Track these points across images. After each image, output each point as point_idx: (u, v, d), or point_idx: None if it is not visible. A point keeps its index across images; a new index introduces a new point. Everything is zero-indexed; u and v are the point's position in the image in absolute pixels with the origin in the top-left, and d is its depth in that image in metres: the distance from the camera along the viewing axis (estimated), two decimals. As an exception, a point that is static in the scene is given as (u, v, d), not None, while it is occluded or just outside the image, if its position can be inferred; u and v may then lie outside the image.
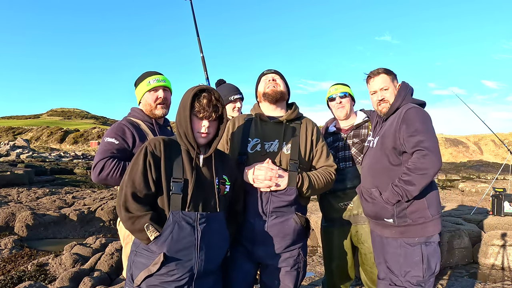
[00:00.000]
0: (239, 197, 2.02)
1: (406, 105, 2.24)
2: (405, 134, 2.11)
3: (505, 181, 15.60)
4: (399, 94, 2.30)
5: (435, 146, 2.06)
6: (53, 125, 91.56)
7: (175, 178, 1.74)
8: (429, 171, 2.03)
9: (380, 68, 2.40)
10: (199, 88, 1.79)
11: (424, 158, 2.02)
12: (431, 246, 2.16)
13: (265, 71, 2.27)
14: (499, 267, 4.68)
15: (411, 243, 2.15)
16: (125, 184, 1.72)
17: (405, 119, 2.14)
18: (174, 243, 1.69)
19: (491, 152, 65.39)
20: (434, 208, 2.18)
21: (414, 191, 2.06)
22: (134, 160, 1.76)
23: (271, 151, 2.08)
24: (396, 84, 2.37)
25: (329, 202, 2.59)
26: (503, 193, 5.48)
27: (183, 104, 1.80)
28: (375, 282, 2.55)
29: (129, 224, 1.69)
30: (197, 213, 1.74)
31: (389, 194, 2.13)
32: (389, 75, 2.37)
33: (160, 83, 2.40)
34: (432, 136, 2.09)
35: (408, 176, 2.05)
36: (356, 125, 2.70)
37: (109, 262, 4.58)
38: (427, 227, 2.15)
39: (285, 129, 2.12)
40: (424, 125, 2.11)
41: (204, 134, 1.80)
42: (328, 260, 2.68)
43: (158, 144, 1.77)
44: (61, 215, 7.54)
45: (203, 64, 3.08)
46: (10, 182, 12.46)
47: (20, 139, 45.94)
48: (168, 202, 1.73)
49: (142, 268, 1.71)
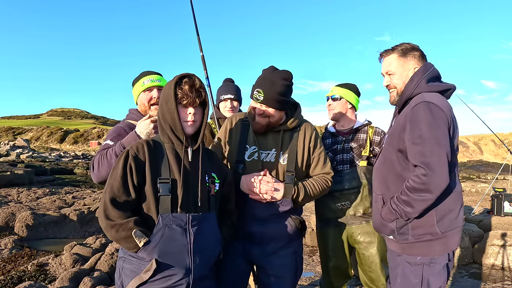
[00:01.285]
0: (230, 195, 1.95)
1: (418, 97, 1.83)
2: (408, 138, 1.78)
3: (505, 181, 15.60)
4: (411, 80, 1.89)
5: (440, 162, 1.67)
6: (53, 125, 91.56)
7: (162, 179, 1.65)
8: (428, 194, 1.69)
9: (399, 45, 1.97)
10: (179, 76, 1.72)
11: (424, 177, 1.68)
12: (436, 268, 1.79)
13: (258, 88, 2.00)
14: (499, 267, 4.68)
15: (412, 262, 1.83)
16: (105, 190, 1.63)
17: (411, 119, 1.78)
18: (165, 248, 1.60)
19: (491, 152, 65.39)
20: (447, 222, 1.79)
21: (413, 214, 1.77)
22: (115, 165, 1.66)
23: (268, 161, 2.06)
24: (414, 67, 1.93)
25: (325, 202, 2.59)
26: (503, 193, 5.49)
27: (165, 96, 1.72)
28: (374, 281, 2.56)
29: (112, 233, 1.58)
30: (189, 215, 1.65)
31: (386, 210, 1.88)
32: (402, 56, 1.94)
33: (154, 83, 2.37)
34: (438, 147, 1.69)
35: (406, 196, 1.75)
36: (355, 128, 2.68)
37: (109, 262, 4.58)
38: (433, 246, 1.79)
39: (283, 138, 2.08)
40: (430, 131, 1.71)
41: (191, 122, 1.73)
42: (325, 260, 2.68)
43: (141, 147, 1.68)
44: (61, 215, 7.53)
45: (203, 63, 3.09)
46: (10, 182, 12.44)
47: (20, 139, 45.95)
48: (156, 205, 1.63)
49: (132, 276, 1.62)
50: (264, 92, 1.98)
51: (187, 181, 1.70)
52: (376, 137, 2.66)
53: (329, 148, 2.67)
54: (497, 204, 5.45)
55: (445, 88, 1.87)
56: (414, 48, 1.95)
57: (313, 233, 6.13)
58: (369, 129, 2.68)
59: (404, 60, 1.94)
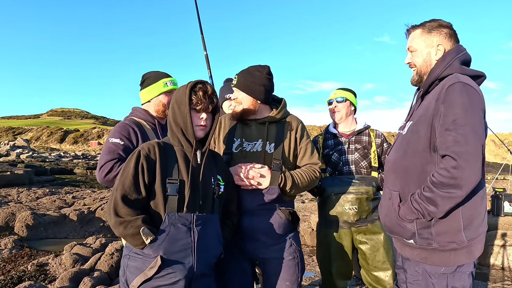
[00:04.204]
0: (233, 197, 2.01)
1: (452, 77, 1.59)
2: (440, 124, 1.54)
3: (505, 181, 15.61)
4: (442, 59, 1.67)
5: (475, 153, 1.45)
6: (53, 125, 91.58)
7: (171, 179, 1.72)
8: (457, 191, 1.47)
9: (428, 21, 1.76)
10: (194, 82, 1.79)
11: (453, 170, 1.46)
12: (461, 278, 1.62)
13: (235, 75, 2.17)
14: (499, 267, 4.68)
15: (435, 272, 1.63)
16: (116, 188, 1.68)
17: (446, 100, 1.53)
18: (170, 246, 1.66)
19: (491, 152, 65.37)
20: (474, 228, 1.59)
21: (438, 213, 1.54)
22: (126, 164, 1.71)
23: (254, 151, 2.08)
24: (438, 45, 1.72)
25: (332, 204, 2.59)
26: (503, 193, 5.49)
27: (178, 101, 1.79)
28: (380, 281, 2.55)
29: (121, 229, 1.62)
30: (194, 215, 1.72)
31: (406, 209, 1.63)
32: (426, 32, 1.73)
33: (175, 86, 2.47)
34: (475, 135, 1.47)
35: (431, 192, 1.52)
36: (357, 130, 2.73)
37: (109, 262, 4.58)
38: (459, 255, 1.59)
39: (268, 129, 2.12)
40: (467, 117, 1.48)
41: (202, 126, 1.80)
42: (327, 262, 2.66)
43: (152, 148, 1.74)
44: (61, 215, 7.53)
45: (206, 62, 3.10)
46: (10, 182, 12.46)
47: (20, 139, 45.96)
48: (164, 204, 1.69)
49: (136, 273, 1.66)
50: (238, 77, 2.15)
51: (194, 182, 1.76)
52: (378, 139, 2.74)
53: (333, 149, 2.71)
54: (497, 204, 5.45)
55: (479, 74, 1.66)
56: (442, 25, 1.73)
57: (313, 233, 6.12)
58: (371, 132, 2.75)
59: (427, 36, 1.73)
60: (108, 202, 1.69)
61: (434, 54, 1.73)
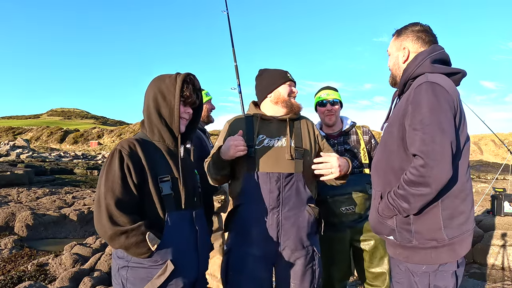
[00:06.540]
0: (210, 189, 1.99)
1: (422, 77, 1.62)
2: (408, 123, 1.57)
3: (505, 181, 15.60)
4: (414, 59, 1.69)
5: (442, 151, 1.46)
6: (53, 125, 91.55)
7: (162, 177, 1.60)
8: (426, 189, 1.48)
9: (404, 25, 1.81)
10: (185, 74, 1.69)
11: (421, 169, 1.48)
12: (444, 277, 1.60)
13: (289, 75, 2.19)
14: (499, 267, 4.68)
15: (416, 271, 1.62)
16: (103, 195, 1.48)
17: (414, 100, 1.56)
18: (177, 247, 1.56)
19: (491, 152, 65.42)
20: (455, 227, 1.58)
21: (411, 210, 1.57)
22: (107, 167, 1.53)
23: (279, 146, 2.06)
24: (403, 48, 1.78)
25: (329, 207, 2.56)
26: (503, 193, 5.48)
27: (165, 91, 1.65)
28: (378, 276, 2.54)
29: (122, 240, 1.45)
30: (193, 212, 1.66)
31: (384, 205, 1.67)
32: (397, 37, 1.81)
33: None
34: (441, 133, 1.48)
35: (403, 190, 1.55)
36: (344, 131, 2.69)
37: (109, 262, 4.58)
38: (440, 253, 1.58)
39: (290, 125, 2.12)
40: (433, 116, 1.50)
41: (185, 120, 1.73)
42: (328, 265, 2.62)
43: (133, 146, 1.58)
44: (61, 215, 7.53)
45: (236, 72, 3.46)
46: (10, 182, 12.43)
47: (20, 139, 45.92)
48: (161, 204, 1.57)
49: (140, 285, 1.50)
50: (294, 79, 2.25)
51: (185, 178, 1.68)
52: (365, 136, 2.71)
53: None
54: (497, 204, 5.44)
55: (454, 71, 1.65)
56: (411, 29, 1.77)
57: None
58: (357, 130, 2.71)
59: (397, 40, 1.81)
60: (97, 213, 1.49)
61: (402, 56, 1.79)
